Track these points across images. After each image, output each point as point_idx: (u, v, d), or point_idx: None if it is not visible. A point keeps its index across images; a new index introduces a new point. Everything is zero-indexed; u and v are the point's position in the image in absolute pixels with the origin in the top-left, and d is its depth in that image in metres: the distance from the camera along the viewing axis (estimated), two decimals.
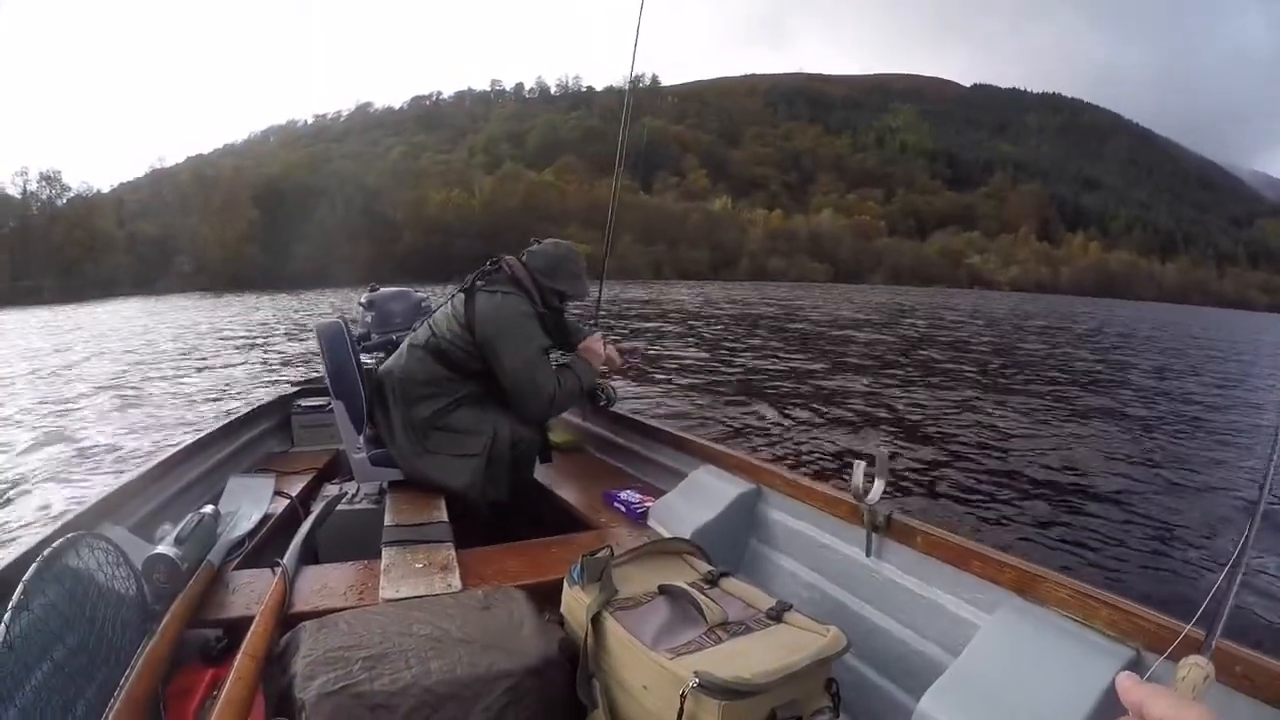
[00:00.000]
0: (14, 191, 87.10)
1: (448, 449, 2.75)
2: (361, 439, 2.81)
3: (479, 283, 2.88)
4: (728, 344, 19.41)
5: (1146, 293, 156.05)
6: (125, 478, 2.46)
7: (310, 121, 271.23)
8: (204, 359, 15.34)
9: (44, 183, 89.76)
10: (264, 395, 4.86)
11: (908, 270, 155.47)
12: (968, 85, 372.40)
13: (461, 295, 2.86)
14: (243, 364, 14.33)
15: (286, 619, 1.76)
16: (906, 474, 7.30)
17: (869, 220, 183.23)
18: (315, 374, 3.09)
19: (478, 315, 2.76)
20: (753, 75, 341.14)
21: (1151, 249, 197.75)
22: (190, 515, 2.06)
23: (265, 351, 16.62)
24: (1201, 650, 0.76)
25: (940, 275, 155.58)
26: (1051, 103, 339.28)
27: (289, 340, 18.84)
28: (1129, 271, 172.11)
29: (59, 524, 1.94)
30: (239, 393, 10.47)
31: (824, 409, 10.51)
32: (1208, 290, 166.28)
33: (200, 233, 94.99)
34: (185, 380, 12.10)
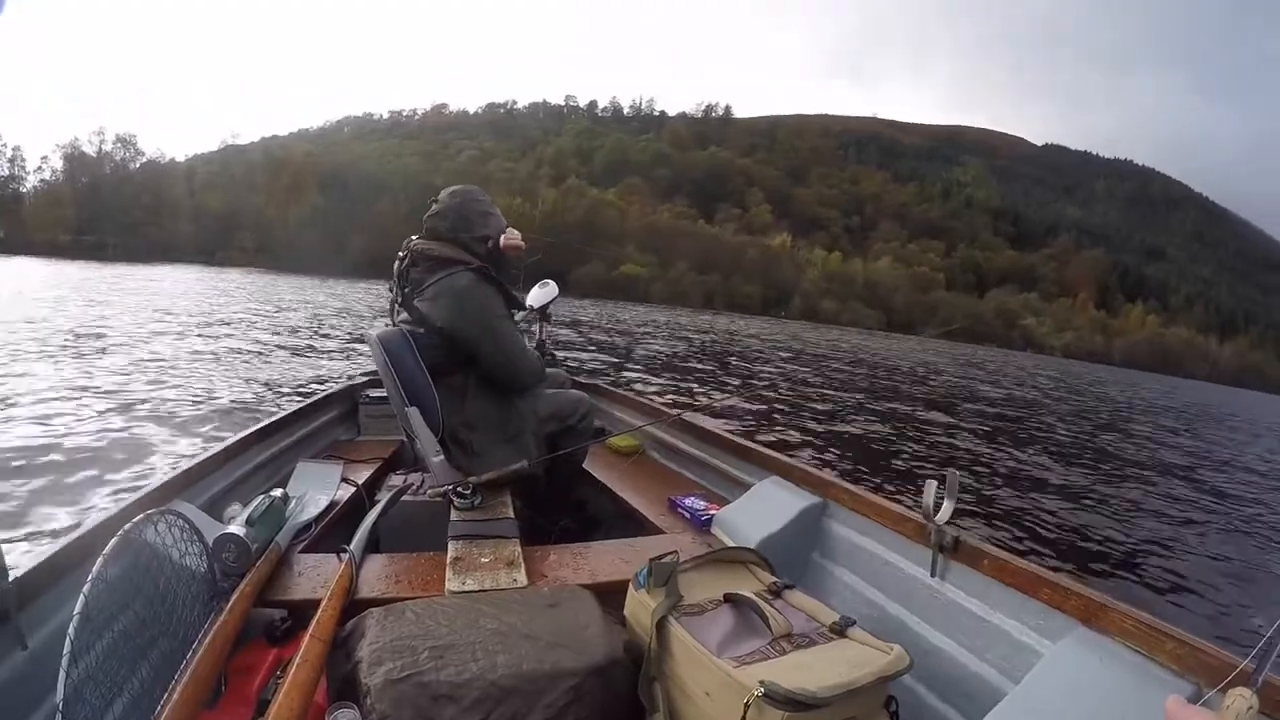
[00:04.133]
0: (89, 150, 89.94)
1: (492, 443, 2.71)
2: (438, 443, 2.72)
3: (406, 290, 2.74)
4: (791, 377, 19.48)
5: (1199, 371, 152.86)
6: (197, 457, 2.50)
7: (385, 116, 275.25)
8: (262, 338, 15.50)
9: (119, 144, 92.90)
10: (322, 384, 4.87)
11: (960, 326, 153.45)
12: (1039, 144, 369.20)
13: (400, 308, 2.77)
14: (304, 348, 14.43)
15: (352, 605, 1.80)
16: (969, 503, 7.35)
17: (928, 272, 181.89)
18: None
19: (431, 318, 2.64)
20: (827, 115, 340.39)
21: (1210, 327, 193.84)
22: (260, 497, 2.11)
23: (325, 338, 16.74)
24: (1250, 683, 0.76)
25: (993, 335, 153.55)
26: (1122, 169, 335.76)
27: (345, 330, 18.99)
28: (1184, 348, 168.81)
29: (135, 497, 2.01)
30: (300, 378, 10.61)
31: (891, 444, 10.46)
32: (1263, 373, 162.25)
33: (265, 211, 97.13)
34: (246, 357, 12.21)
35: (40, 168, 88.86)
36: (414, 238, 2.80)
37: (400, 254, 2.78)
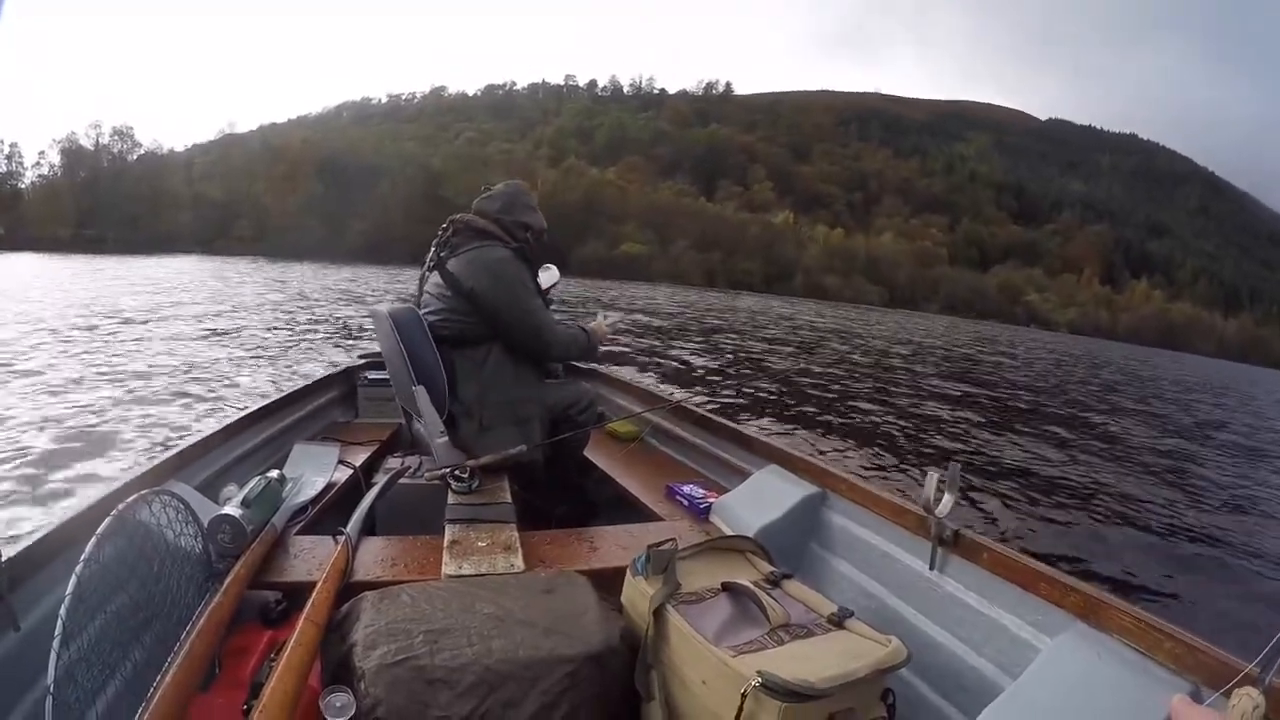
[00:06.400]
0: (87, 143, 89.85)
1: (499, 423, 2.72)
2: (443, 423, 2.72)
3: (443, 254, 2.84)
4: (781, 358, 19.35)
5: (1205, 347, 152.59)
6: (194, 437, 2.48)
7: (384, 100, 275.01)
8: (258, 323, 15.53)
9: (116, 137, 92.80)
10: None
11: (964, 301, 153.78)
12: (1043, 119, 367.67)
13: (435, 272, 2.84)
14: (301, 333, 14.48)
15: (347, 588, 1.78)
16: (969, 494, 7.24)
17: (930, 246, 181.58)
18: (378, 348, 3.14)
19: (461, 280, 2.72)
20: (829, 91, 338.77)
21: (1215, 302, 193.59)
22: (257, 478, 2.11)
23: (324, 322, 16.76)
24: (1256, 684, 0.77)
25: (996, 310, 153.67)
26: (1127, 144, 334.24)
27: (343, 315, 18.94)
28: (1189, 324, 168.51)
29: (130, 477, 1.99)
30: (297, 361, 10.55)
31: (894, 427, 10.45)
32: (1269, 350, 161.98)
33: (263, 200, 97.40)
34: (243, 342, 12.23)
35: (38, 163, 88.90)
36: (459, 214, 2.92)
37: (443, 226, 2.91)
